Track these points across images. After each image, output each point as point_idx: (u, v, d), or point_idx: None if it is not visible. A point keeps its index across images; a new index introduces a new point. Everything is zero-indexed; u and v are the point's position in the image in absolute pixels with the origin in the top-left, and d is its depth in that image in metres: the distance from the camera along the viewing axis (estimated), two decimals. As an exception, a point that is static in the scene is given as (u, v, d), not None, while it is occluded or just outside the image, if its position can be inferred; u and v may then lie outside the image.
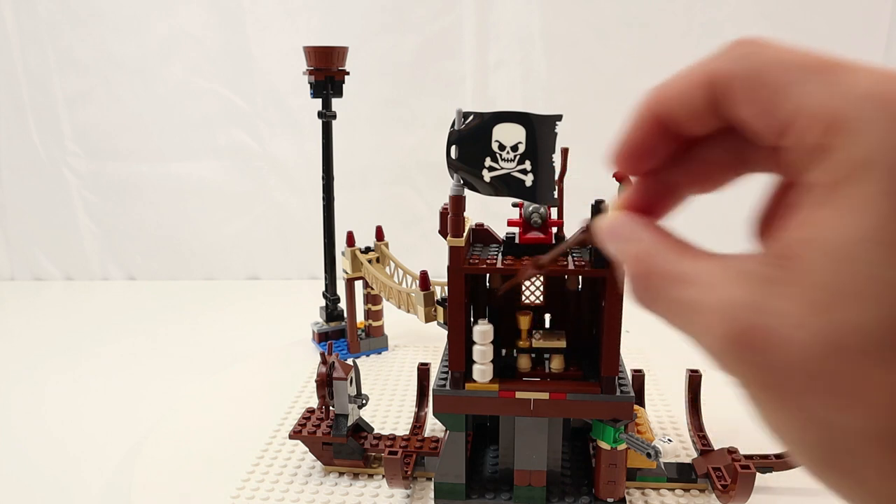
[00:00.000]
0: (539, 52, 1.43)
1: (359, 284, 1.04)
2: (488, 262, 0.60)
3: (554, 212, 0.63)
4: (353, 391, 0.71)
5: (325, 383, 0.69)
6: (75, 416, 0.92)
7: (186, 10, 1.42)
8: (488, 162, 0.56)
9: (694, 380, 0.77)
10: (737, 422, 0.78)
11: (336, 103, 1.04)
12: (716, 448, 0.71)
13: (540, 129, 0.54)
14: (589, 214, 0.56)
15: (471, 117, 0.56)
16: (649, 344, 1.03)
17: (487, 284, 0.68)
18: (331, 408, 0.71)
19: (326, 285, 1.11)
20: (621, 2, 1.41)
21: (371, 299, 1.04)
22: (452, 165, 0.57)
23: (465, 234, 0.59)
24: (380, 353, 1.07)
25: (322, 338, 1.09)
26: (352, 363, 0.73)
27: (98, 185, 1.54)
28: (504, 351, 0.68)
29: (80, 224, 1.56)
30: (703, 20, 1.41)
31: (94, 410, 0.94)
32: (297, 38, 1.37)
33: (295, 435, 0.71)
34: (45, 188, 1.54)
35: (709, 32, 1.42)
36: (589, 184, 0.89)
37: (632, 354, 0.99)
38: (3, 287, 1.57)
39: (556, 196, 0.58)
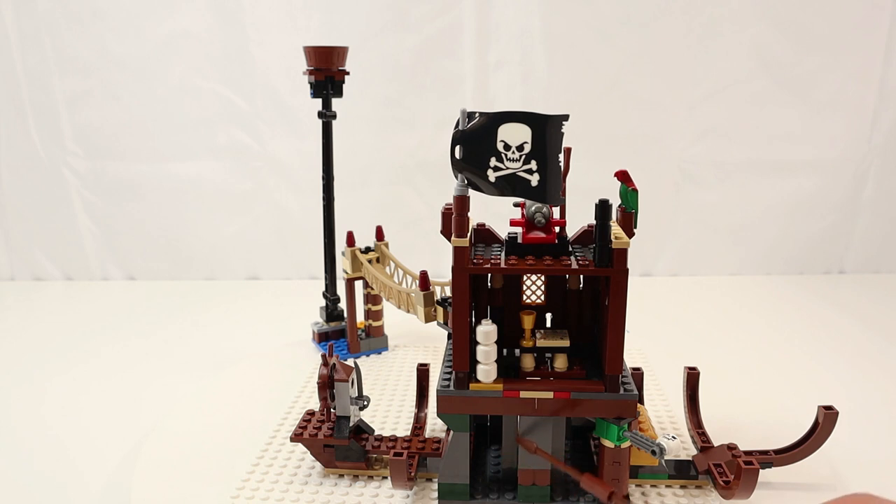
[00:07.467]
0: (539, 52, 1.43)
1: (359, 284, 1.04)
2: (492, 261, 0.60)
3: (556, 211, 0.63)
4: (354, 392, 0.71)
5: (328, 385, 0.69)
6: (75, 416, 0.92)
7: (186, 10, 1.42)
8: (493, 162, 0.56)
9: (692, 377, 0.77)
10: (734, 419, 0.79)
11: (336, 103, 1.04)
12: (715, 444, 0.71)
13: (546, 129, 0.54)
14: (592, 213, 0.56)
15: (475, 117, 0.56)
16: (647, 343, 1.04)
17: (489, 285, 0.68)
18: (332, 410, 0.71)
19: (326, 285, 1.11)
20: (621, 2, 1.41)
21: (371, 299, 1.04)
22: (457, 165, 0.57)
23: (468, 235, 0.59)
24: (380, 353, 1.07)
25: (322, 338, 1.09)
26: (352, 364, 0.73)
27: (98, 185, 1.54)
28: (505, 350, 0.68)
29: (80, 224, 1.56)
30: (703, 20, 1.41)
31: (93, 410, 0.94)
32: (297, 38, 1.38)
33: (296, 438, 0.71)
34: (45, 188, 1.54)
35: (709, 32, 1.42)
36: (588, 183, 0.89)
37: (630, 353, 0.99)
38: (3, 287, 1.57)
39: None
